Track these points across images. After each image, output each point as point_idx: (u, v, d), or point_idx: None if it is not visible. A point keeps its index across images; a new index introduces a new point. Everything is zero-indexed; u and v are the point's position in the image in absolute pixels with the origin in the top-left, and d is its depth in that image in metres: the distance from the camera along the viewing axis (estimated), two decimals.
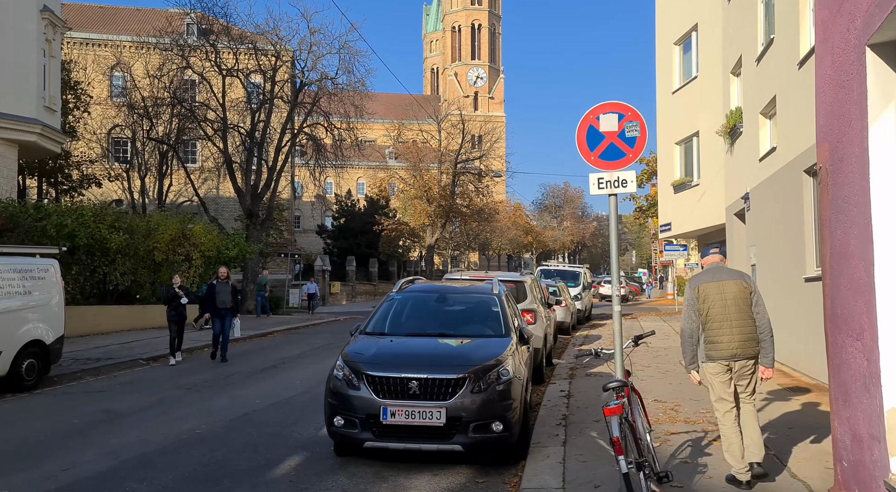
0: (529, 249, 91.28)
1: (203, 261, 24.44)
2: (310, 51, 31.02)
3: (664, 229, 25.43)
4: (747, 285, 5.85)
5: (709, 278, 5.89)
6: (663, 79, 25.47)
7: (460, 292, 8.56)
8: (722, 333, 5.70)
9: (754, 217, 15.20)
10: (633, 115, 6.09)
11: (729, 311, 5.70)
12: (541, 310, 12.68)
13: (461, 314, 8.04)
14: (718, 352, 5.72)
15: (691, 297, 5.88)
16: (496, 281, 8.55)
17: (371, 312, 8.13)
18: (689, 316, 5.90)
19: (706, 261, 6.17)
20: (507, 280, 12.06)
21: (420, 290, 8.46)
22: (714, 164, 21.26)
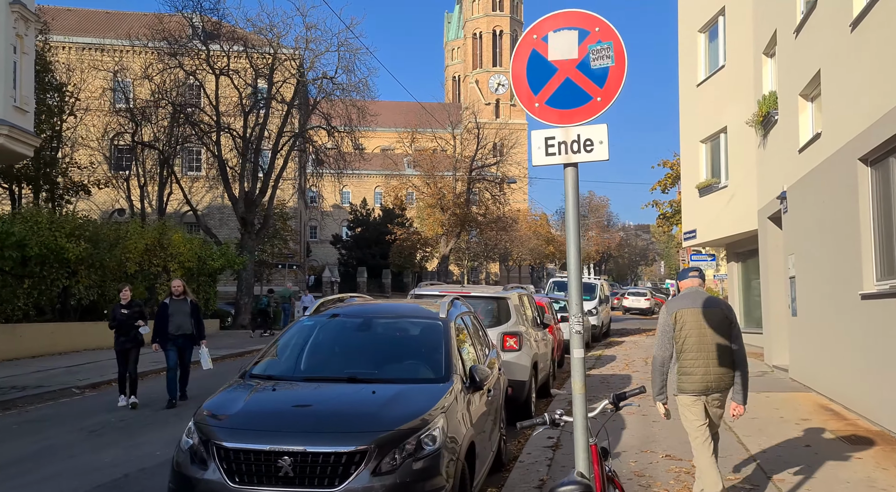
0: (552, 259, 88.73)
1: (183, 273, 22.46)
2: (306, 48, 29.13)
3: (688, 237, 22.94)
4: (727, 315, 5.49)
5: (688, 304, 5.45)
6: (687, 71, 23.05)
7: (395, 316, 6.31)
8: (697, 364, 5.34)
9: (793, 220, 12.79)
10: (602, 31, 3.84)
11: (706, 341, 5.33)
12: (531, 332, 10.39)
13: (389, 348, 5.81)
14: (692, 385, 5.37)
15: (667, 322, 5.45)
16: (447, 301, 6.29)
17: (266, 345, 5.95)
18: (662, 343, 5.47)
19: (684, 284, 5.69)
20: (486, 297, 9.81)
21: (343, 313, 6.23)
22: (744, 162, 18.80)
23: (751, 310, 21.88)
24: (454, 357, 5.50)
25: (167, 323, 11.20)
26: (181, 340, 11.29)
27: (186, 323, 11.29)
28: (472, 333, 6.75)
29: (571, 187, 3.80)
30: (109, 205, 42.81)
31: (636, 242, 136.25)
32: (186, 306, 11.41)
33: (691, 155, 22.82)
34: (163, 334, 11.20)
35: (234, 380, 5.33)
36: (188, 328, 11.30)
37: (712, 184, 21.01)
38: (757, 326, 20.61)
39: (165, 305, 11.40)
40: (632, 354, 19.04)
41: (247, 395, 4.93)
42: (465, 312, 6.88)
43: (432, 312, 6.09)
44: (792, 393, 11.53)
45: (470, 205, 49.11)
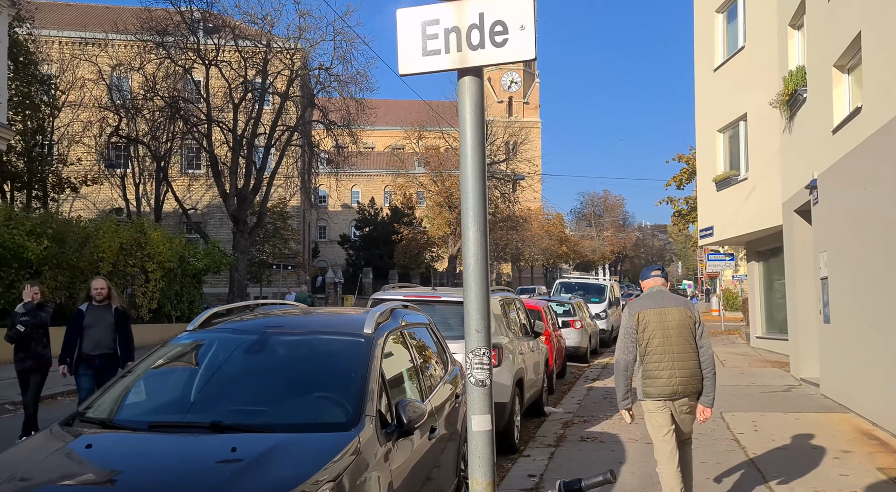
0: (566, 259, 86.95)
1: (163, 273, 21.07)
2: (300, 37, 27.63)
3: (705, 234, 21.23)
4: (691, 314, 5.27)
5: (650, 304, 5.27)
6: (703, 55, 21.35)
7: (302, 333, 4.69)
8: (662, 367, 5.11)
9: (825, 212, 11.11)
10: None
11: (671, 342, 5.11)
12: (517, 344, 8.80)
13: (282, 379, 4.21)
14: (657, 389, 5.15)
15: (629, 324, 5.27)
16: (379, 311, 4.71)
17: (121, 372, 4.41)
18: (625, 346, 5.26)
19: (647, 284, 5.50)
20: (458, 302, 8.23)
21: (232, 328, 4.65)
22: (766, 151, 17.11)
23: (773, 313, 20.14)
24: (370, 391, 3.93)
25: (82, 338, 8.21)
26: (99, 360, 8.23)
27: (108, 338, 8.27)
28: (418, 352, 5.19)
29: (470, 108, 2.24)
30: (107, 204, 41.59)
31: (653, 243, 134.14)
32: (110, 316, 8.37)
33: (708, 146, 21.13)
34: (75, 353, 8.20)
35: (53, 427, 3.78)
36: (109, 346, 8.27)
37: (731, 176, 19.31)
38: (780, 332, 18.88)
39: (81, 314, 8.38)
40: None
41: (41, 456, 3.37)
42: (411, 323, 5.32)
43: (356, 326, 4.52)
44: (826, 414, 9.86)
45: None
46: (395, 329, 4.80)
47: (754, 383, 13.06)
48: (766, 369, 15.29)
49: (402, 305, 5.72)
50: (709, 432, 8.85)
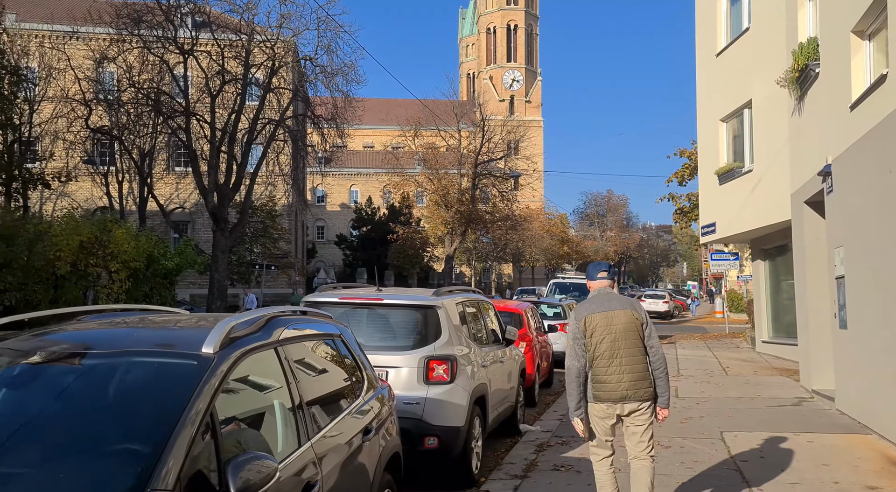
0: (568, 259, 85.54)
1: (128, 273, 19.71)
2: (281, 25, 26.28)
3: (707, 232, 19.84)
4: (639, 315, 5.12)
5: (596, 308, 5.10)
6: (705, 39, 19.99)
7: (105, 355, 3.19)
8: (611, 371, 4.97)
9: (841, 202, 9.73)
10: None
11: (619, 346, 4.99)
12: (479, 354, 7.44)
13: (62, 423, 2.82)
14: (606, 393, 4.98)
15: (577, 329, 5.10)
16: (227, 324, 3.28)
17: None
18: (574, 352, 5.09)
19: (593, 286, 5.31)
20: (402, 306, 6.88)
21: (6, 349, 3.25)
22: (773, 140, 15.75)
23: (779, 316, 18.74)
24: (173, 447, 2.56)
25: None
26: None
27: None
28: (307, 375, 3.84)
29: None
30: (92, 202, 40.41)
31: (657, 243, 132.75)
32: None
33: (710, 137, 19.78)
34: None
35: None
36: None
37: (734, 168, 17.95)
38: (788, 336, 17.48)
39: None
40: None
41: None
42: (298, 336, 3.96)
43: (193, 343, 3.15)
44: (844, 436, 8.47)
45: (476, 202, 46.21)
46: (259, 346, 3.44)
47: (760, 395, 11.68)
48: (773, 378, 13.90)
49: (300, 312, 4.38)
50: (706, 458, 7.49)
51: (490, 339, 8.36)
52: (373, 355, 6.42)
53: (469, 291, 8.59)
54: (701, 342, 23.50)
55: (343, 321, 6.77)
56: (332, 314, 6.78)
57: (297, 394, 3.58)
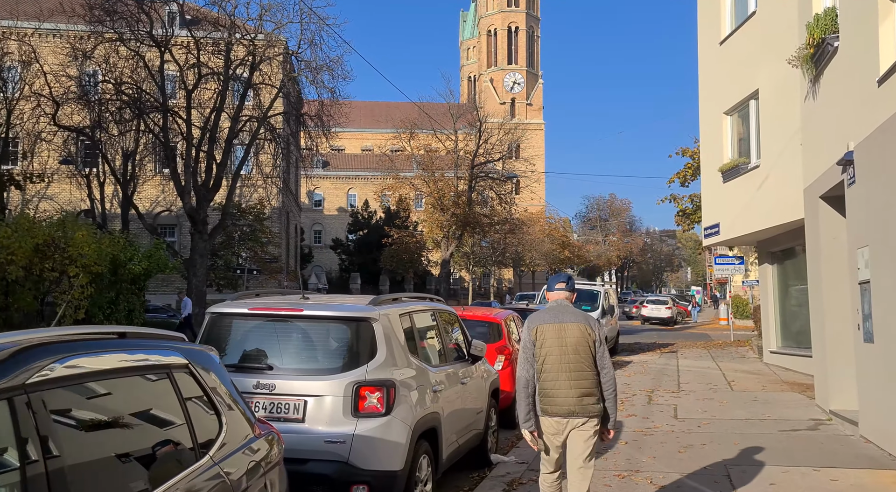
0: (570, 264, 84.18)
1: (91, 278, 18.39)
2: (262, 16, 25.00)
3: (710, 233, 18.46)
4: (591, 331, 4.98)
5: (549, 319, 5.01)
6: (707, 27, 18.67)
7: None
8: (558, 385, 4.91)
9: (865, 194, 8.38)
10: None
11: (567, 359, 4.91)
12: (428, 377, 6.08)
13: None
14: (553, 407, 4.92)
15: (528, 339, 5.05)
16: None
17: None
18: (524, 362, 5.04)
19: (551, 296, 5.22)
20: (326, 318, 5.53)
21: None
22: (782, 132, 14.41)
23: (789, 324, 17.36)
24: None
25: None
26: None
27: None
28: (44, 439, 2.47)
29: None
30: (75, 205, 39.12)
31: (661, 248, 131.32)
32: None
33: (713, 132, 18.43)
34: None
35: None
36: None
37: (739, 164, 16.59)
38: (798, 346, 16.11)
39: None
40: (635, 383, 14.63)
41: None
42: (68, 376, 2.60)
43: None
44: (873, 472, 7.09)
45: (473, 205, 44.89)
46: None
47: (770, 417, 10.29)
48: (784, 395, 12.51)
49: (118, 334, 3.03)
50: None
51: (450, 356, 7.00)
52: (288, 381, 5.11)
53: (422, 298, 7.23)
54: (704, 351, 22.10)
55: (256, 338, 5.47)
56: (242, 329, 5.47)
57: (41, 466, 2.23)
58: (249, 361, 5.39)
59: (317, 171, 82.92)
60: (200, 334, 5.60)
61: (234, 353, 5.49)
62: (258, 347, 5.49)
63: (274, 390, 5.19)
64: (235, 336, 5.57)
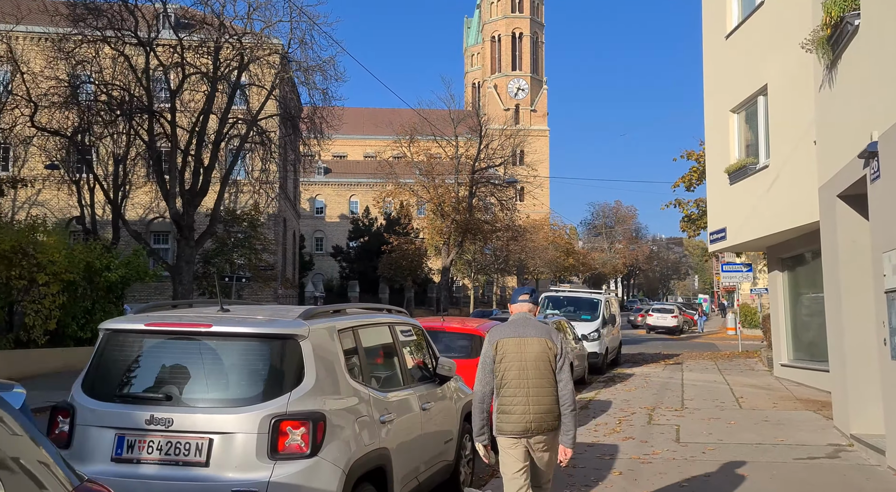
0: (575, 272, 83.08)
1: (62, 286, 17.50)
2: (249, 15, 24.09)
3: (716, 238, 17.41)
4: (553, 346, 4.84)
5: (510, 333, 4.87)
6: (713, 20, 17.70)
7: None
8: (517, 402, 4.75)
9: (892, 190, 7.34)
10: None
11: (527, 375, 4.75)
12: (370, 406, 5.03)
13: None
14: (510, 425, 4.76)
15: (488, 353, 4.89)
16: None
17: None
18: (483, 377, 4.90)
19: (514, 309, 5.08)
20: (246, 334, 4.48)
21: None
22: (793, 128, 13.40)
23: (800, 334, 16.28)
24: None
25: None
26: None
27: None
28: None
29: None
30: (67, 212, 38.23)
31: (668, 256, 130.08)
32: None
33: (719, 131, 17.43)
34: None
35: None
36: None
37: (747, 165, 15.58)
38: (812, 359, 15.03)
39: None
40: (636, 399, 13.55)
41: None
42: None
43: None
44: None
45: (473, 211, 43.94)
46: None
47: (784, 441, 9.22)
48: (797, 414, 11.42)
49: None
50: None
51: (411, 377, 5.97)
52: (190, 415, 4.11)
53: (378, 310, 6.22)
54: (711, 363, 21.00)
55: (154, 360, 4.47)
56: (139, 349, 4.48)
57: None
58: (142, 391, 4.39)
59: (318, 177, 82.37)
60: (92, 357, 4.60)
61: (126, 380, 4.49)
62: (155, 372, 4.49)
63: (171, 427, 4.18)
64: (129, 359, 4.56)
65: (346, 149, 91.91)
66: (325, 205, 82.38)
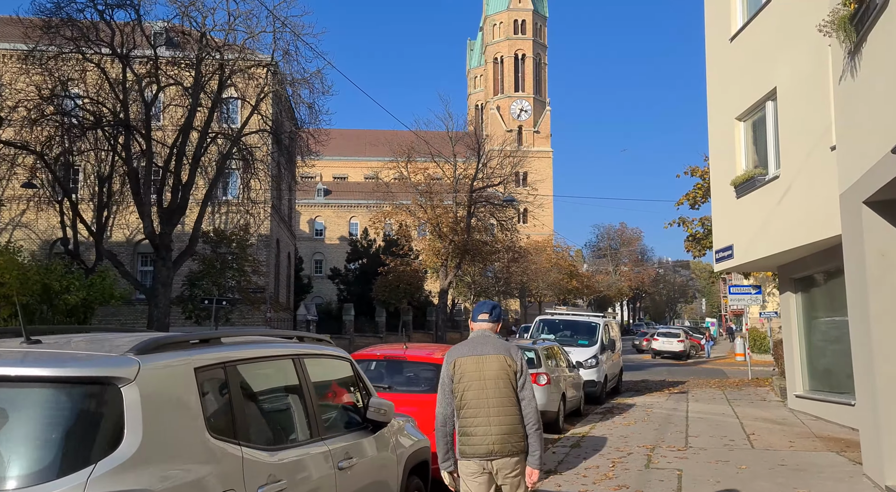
0: (579, 295, 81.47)
1: (12, 310, 16.17)
2: (230, 25, 22.97)
3: (722, 257, 16.01)
4: (512, 362, 4.63)
5: (468, 351, 4.68)
6: (716, 22, 16.48)
7: None
8: (477, 423, 4.56)
9: None
10: None
11: (487, 395, 4.57)
12: (248, 470, 3.65)
13: None
14: (472, 447, 4.57)
15: (447, 373, 4.70)
16: None
17: None
18: (443, 399, 4.73)
19: (474, 327, 4.89)
20: (37, 377, 3.09)
21: None
22: (807, 134, 12.11)
23: (816, 362, 14.80)
24: None
25: None
26: None
27: None
28: None
29: None
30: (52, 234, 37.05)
31: (674, 279, 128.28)
32: None
33: (724, 141, 16.12)
34: None
35: None
36: None
37: (755, 176, 14.24)
38: (831, 391, 13.55)
39: None
40: (634, 435, 12.08)
41: None
42: None
43: None
44: None
45: (472, 231, 42.63)
46: None
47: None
48: (818, 456, 9.94)
49: None
50: None
51: (321, 427, 4.56)
52: None
53: (280, 337, 4.82)
54: (718, 392, 19.48)
55: None
56: None
57: None
58: None
59: (318, 199, 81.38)
60: None
61: None
62: None
63: None
64: None
65: (348, 170, 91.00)
66: (325, 227, 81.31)
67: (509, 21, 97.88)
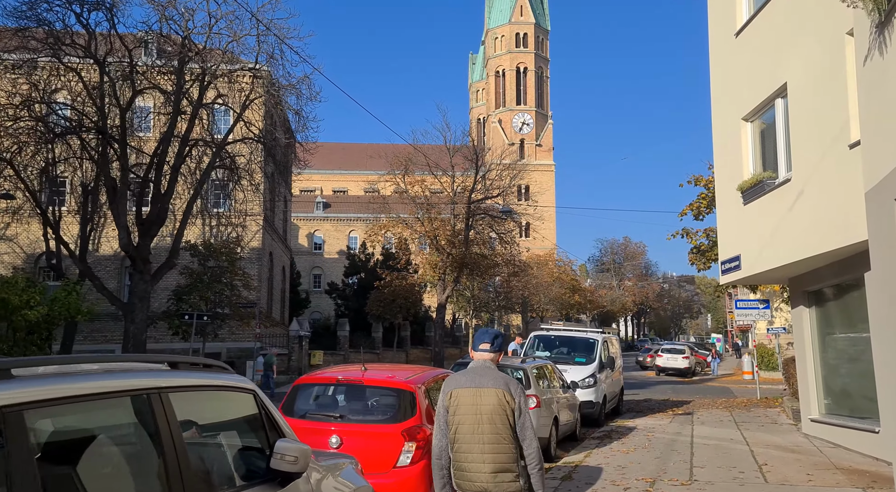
0: (582, 310, 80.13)
1: None
2: (211, 28, 21.99)
3: (729, 268, 14.81)
4: (510, 399, 4.39)
5: (466, 382, 4.48)
6: (720, 16, 15.42)
7: None
8: (471, 458, 4.37)
9: None
10: None
11: (482, 429, 4.36)
12: None
13: None
14: (466, 483, 4.44)
15: (443, 404, 4.52)
16: None
17: None
18: (438, 431, 4.55)
19: (475, 356, 4.63)
20: None
21: None
22: (820, 133, 11.00)
23: (832, 382, 13.57)
24: None
25: None
26: None
27: None
28: None
29: None
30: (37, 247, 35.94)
31: (679, 294, 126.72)
32: None
33: (729, 144, 15.00)
34: None
35: None
36: None
37: (764, 180, 13.10)
38: (851, 415, 12.31)
39: None
40: (633, 465, 10.86)
41: None
42: None
43: None
44: None
45: (470, 245, 41.53)
46: None
47: None
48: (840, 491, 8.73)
49: None
50: None
51: (188, 487, 3.39)
52: None
53: (140, 361, 3.65)
54: (726, 414, 18.22)
55: None
56: None
57: None
58: None
59: (317, 212, 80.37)
60: None
61: None
62: None
63: None
64: None
65: (348, 184, 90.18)
66: (324, 241, 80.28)
67: (511, 34, 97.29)
